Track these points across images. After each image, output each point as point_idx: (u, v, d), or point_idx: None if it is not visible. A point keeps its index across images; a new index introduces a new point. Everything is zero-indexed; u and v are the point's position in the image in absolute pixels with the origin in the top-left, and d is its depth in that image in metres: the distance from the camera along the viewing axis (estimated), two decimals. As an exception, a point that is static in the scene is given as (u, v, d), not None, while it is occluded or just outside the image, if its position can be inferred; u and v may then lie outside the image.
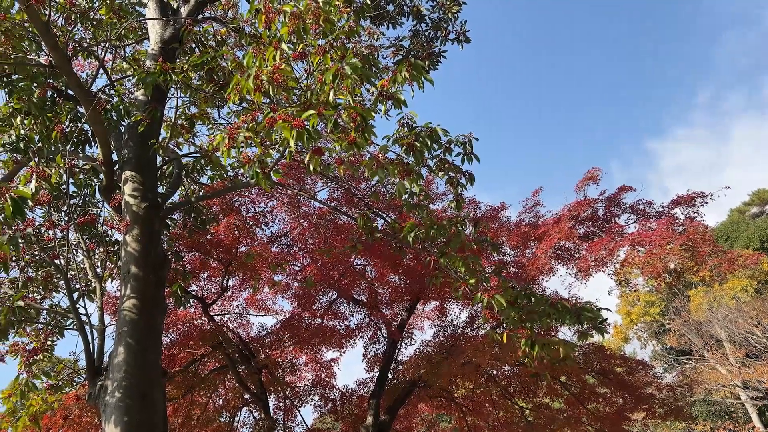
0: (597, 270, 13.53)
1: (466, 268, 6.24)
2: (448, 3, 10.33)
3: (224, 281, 13.86)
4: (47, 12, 5.92)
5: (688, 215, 13.68)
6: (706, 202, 13.74)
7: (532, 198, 15.87)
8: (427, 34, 10.89)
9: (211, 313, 14.26)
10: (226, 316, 15.98)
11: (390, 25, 10.76)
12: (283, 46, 4.71)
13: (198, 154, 8.55)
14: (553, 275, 14.47)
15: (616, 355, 17.11)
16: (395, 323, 16.16)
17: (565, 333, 17.54)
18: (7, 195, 4.36)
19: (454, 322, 16.88)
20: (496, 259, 14.52)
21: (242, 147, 4.99)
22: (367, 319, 17.29)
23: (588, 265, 13.38)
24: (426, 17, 10.76)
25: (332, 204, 13.75)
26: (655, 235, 12.39)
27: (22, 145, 6.95)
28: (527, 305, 6.23)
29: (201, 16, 9.00)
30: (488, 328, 14.79)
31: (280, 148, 6.02)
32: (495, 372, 15.76)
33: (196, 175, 9.45)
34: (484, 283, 6.17)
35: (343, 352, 16.94)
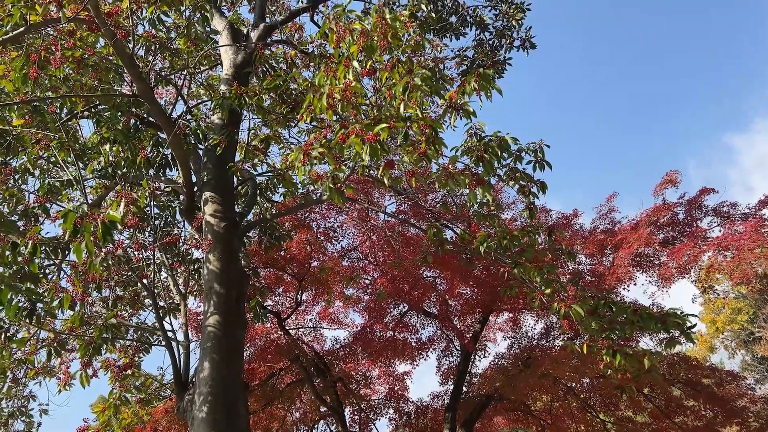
0: (680, 277, 12.93)
1: (541, 278, 6.12)
2: (512, 10, 10.24)
3: (298, 296, 14.14)
4: (131, 45, 6.29)
5: (778, 216, 12.87)
6: (799, 200, 12.90)
7: (606, 204, 15.38)
8: (491, 42, 10.81)
9: (286, 327, 14.58)
10: (300, 330, 16.28)
11: (453, 36, 10.76)
12: (354, 63, 4.80)
13: (270, 173, 8.80)
14: (633, 284, 13.92)
15: (703, 365, 16.24)
16: (468, 335, 15.96)
17: (647, 344, 16.79)
18: (98, 220, 4.61)
19: (529, 334, 16.53)
20: (571, 268, 14.13)
21: (316, 163, 5.10)
22: (439, 332, 17.17)
23: (670, 272, 12.81)
24: (489, 26, 10.70)
25: (400, 217, 13.81)
26: (743, 238, 11.72)
27: (110, 170, 7.37)
28: (608, 314, 6.03)
29: (270, 39, 9.30)
30: (566, 339, 14.39)
31: (351, 164, 6.12)
32: (574, 384, 15.28)
33: (269, 193, 9.74)
34: (561, 292, 6.02)
35: (416, 365, 16.89)
